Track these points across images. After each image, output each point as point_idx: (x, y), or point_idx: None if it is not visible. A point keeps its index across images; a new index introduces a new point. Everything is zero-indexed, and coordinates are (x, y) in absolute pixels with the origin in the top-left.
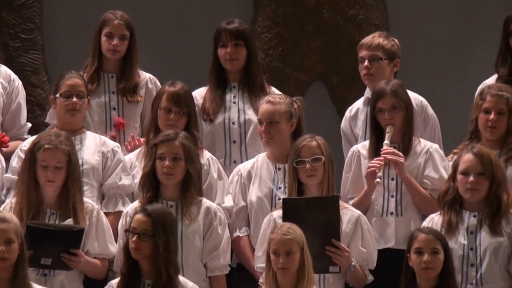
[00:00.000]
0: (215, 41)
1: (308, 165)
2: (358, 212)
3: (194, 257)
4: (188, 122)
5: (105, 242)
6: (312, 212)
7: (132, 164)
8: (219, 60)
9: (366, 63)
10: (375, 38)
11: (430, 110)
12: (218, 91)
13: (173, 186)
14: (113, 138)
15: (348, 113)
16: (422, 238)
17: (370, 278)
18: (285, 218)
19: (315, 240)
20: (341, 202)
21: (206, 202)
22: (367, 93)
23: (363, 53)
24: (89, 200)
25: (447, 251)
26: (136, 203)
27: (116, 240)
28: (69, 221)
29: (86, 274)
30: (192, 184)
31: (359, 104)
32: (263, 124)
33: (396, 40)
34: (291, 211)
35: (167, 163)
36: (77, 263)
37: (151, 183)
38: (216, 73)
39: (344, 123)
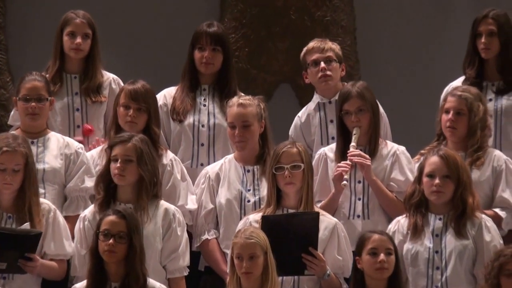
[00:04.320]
0: (192, 43)
1: (287, 172)
2: (335, 219)
3: (154, 259)
4: (148, 120)
5: (61, 243)
6: (292, 227)
7: (94, 161)
8: (194, 61)
9: (322, 64)
10: (324, 42)
11: (381, 109)
12: (189, 92)
13: (128, 188)
14: (78, 142)
15: (298, 120)
16: (376, 238)
17: (345, 286)
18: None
19: (292, 246)
20: (317, 209)
21: (164, 203)
22: (317, 98)
23: (315, 56)
24: (46, 201)
25: (396, 253)
26: (93, 207)
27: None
28: (26, 225)
29: (44, 277)
30: (144, 187)
31: (308, 110)
32: (237, 127)
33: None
34: (270, 227)
35: (118, 164)
36: (33, 268)
37: (106, 185)
38: (190, 74)
39: (294, 131)
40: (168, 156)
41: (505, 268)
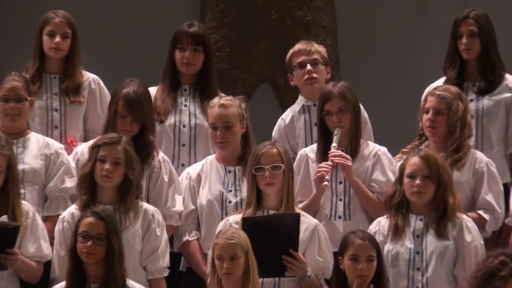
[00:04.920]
0: (173, 43)
1: (267, 173)
2: (316, 221)
3: (134, 260)
4: (143, 127)
5: (39, 244)
6: (272, 228)
7: (84, 156)
8: (175, 61)
9: (308, 67)
10: (310, 44)
11: (365, 114)
12: (170, 92)
13: (110, 190)
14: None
15: (282, 122)
16: (358, 244)
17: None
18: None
19: (272, 247)
20: (298, 210)
21: (143, 204)
22: (301, 100)
23: (301, 58)
24: (24, 202)
25: (380, 255)
26: (72, 208)
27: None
28: (4, 218)
29: (21, 276)
30: (131, 190)
31: (293, 112)
32: (218, 128)
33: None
34: (251, 229)
35: (107, 166)
36: (14, 261)
37: (89, 185)
38: (171, 74)
39: (278, 133)
40: (157, 157)
41: None
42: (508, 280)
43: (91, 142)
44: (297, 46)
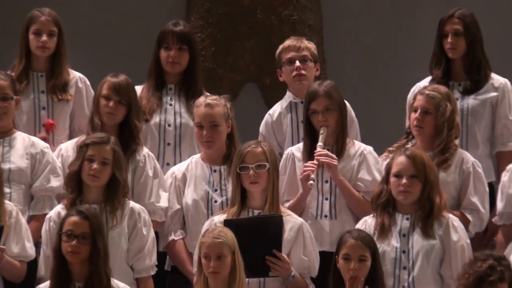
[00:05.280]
0: (158, 42)
1: (251, 172)
2: (301, 220)
3: (121, 260)
4: (128, 113)
5: (23, 244)
6: (255, 229)
7: (68, 152)
8: (160, 61)
9: (297, 63)
10: (300, 41)
11: (353, 113)
12: (155, 91)
13: (97, 189)
14: (43, 139)
15: (269, 118)
16: (350, 244)
17: (312, 287)
18: None
19: (256, 248)
20: (284, 209)
21: (129, 203)
22: (289, 96)
23: (290, 54)
24: (8, 202)
25: (375, 256)
26: (59, 207)
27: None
28: None
29: (4, 275)
30: (119, 190)
31: (280, 108)
32: (204, 128)
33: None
34: (234, 231)
35: (95, 165)
36: (0, 259)
37: (76, 183)
38: (156, 73)
39: (265, 128)
40: (142, 152)
41: None
42: (497, 285)
43: (75, 140)
44: (287, 42)
